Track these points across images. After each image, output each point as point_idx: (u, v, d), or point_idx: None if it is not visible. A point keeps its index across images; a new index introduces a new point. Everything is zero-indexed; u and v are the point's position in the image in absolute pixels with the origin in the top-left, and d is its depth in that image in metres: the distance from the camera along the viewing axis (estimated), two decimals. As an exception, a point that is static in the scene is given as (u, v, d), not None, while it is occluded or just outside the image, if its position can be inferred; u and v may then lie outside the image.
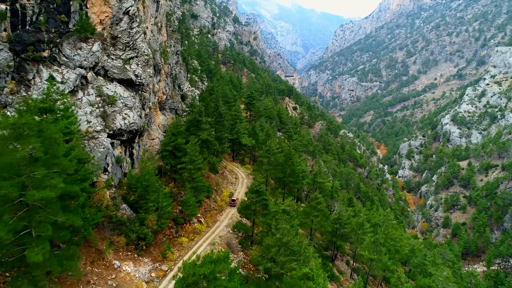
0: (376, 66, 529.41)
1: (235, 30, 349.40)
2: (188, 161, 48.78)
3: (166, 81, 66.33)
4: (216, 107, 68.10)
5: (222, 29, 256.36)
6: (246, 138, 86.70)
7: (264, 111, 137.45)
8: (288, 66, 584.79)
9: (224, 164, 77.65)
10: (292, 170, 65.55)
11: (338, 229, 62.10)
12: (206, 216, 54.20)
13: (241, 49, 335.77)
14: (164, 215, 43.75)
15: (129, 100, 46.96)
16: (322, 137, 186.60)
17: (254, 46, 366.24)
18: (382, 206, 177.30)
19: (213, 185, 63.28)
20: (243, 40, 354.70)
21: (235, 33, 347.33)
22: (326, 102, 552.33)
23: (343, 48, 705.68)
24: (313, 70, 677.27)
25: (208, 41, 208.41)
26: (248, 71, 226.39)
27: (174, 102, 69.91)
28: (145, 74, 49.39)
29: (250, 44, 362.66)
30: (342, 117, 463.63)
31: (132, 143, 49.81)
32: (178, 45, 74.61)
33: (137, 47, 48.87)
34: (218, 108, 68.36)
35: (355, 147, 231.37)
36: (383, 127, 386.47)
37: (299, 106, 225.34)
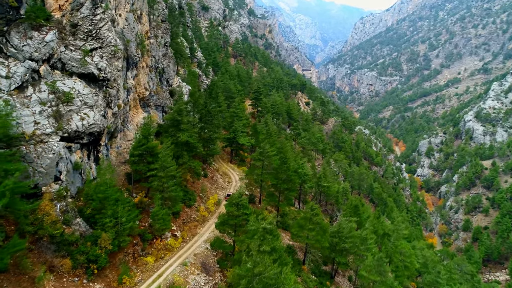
0: (397, 60, 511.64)
1: (250, 23, 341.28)
2: (159, 167, 42.46)
3: (149, 75, 60.15)
4: (205, 104, 61.56)
5: (234, 21, 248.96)
6: (245, 138, 79.99)
7: (272, 107, 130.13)
8: (306, 60, 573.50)
9: (216, 166, 71.23)
10: (287, 176, 58.47)
11: (337, 243, 54.90)
12: (183, 228, 47.93)
13: (256, 42, 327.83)
14: (125, 232, 37.63)
15: (90, 97, 40.84)
16: (335, 134, 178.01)
17: (269, 39, 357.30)
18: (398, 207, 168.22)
19: (198, 192, 56.92)
20: (258, 33, 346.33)
21: (249, 26, 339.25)
22: (344, 97, 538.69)
23: (363, 42, 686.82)
24: (332, 64, 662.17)
25: (218, 34, 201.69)
26: (259, 65, 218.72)
27: (160, 99, 63.70)
28: (110, 68, 43.15)
29: (265, 37, 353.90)
30: (360, 112, 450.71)
31: (97, 146, 43.83)
32: (167, 36, 68.22)
33: (101, 36, 42.62)
34: (206, 105, 61.81)
35: (370, 145, 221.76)
36: (402, 123, 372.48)
37: (312, 101, 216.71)
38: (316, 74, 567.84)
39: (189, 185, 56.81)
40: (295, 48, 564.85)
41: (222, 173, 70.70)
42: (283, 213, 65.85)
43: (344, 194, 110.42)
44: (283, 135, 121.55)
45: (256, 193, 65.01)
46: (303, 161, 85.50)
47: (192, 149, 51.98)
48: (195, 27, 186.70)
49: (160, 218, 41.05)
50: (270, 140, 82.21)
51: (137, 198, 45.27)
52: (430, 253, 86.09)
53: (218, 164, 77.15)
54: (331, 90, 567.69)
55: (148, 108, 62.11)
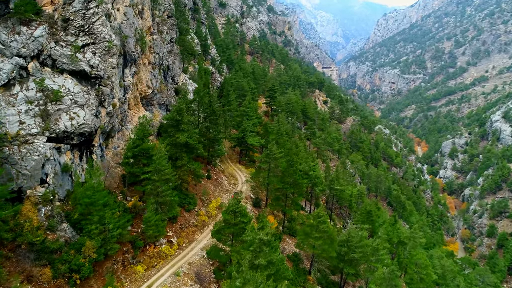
0: (420, 58, 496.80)
1: (269, 20, 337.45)
2: (153, 170, 40.08)
3: (152, 73, 57.96)
4: (210, 103, 58.92)
5: (252, 18, 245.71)
6: (254, 137, 77.03)
7: (286, 106, 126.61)
8: (326, 57, 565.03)
9: (222, 167, 68.61)
10: (294, 180, 55.21)
11: (346, 253, 51.33)
12: (180, 234, 45.49)
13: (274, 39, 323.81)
14: (112, 239, 35.40)
15: (81, 96, 38.77)
16: (353, 134, 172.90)
17: (288, 36, 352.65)
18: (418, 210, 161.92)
19: (199, 195, 54.42)
20: (277, 30, 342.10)
21: (269, 23, 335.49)
22: (365, 95, 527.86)
23: (385, 39, 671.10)
24: (353, 61, 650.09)
25: (235, 31, 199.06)
26: (277, 62, 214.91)
27: (164, 97, 61.52)
28: (104, 65, 40.99)
29: (284, 34, 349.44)
30: (381, 111, 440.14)
31: (90, 147, 41.85)
32: (172, 32, 65.91)
33: (94, 31, 40.48)
34: (211, 104, 59.15)
35: (390, 145, 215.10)
36: (425, 122, 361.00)
37: (330, 99, 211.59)
38: (336, 71, 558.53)
39: (190, 188, 54.38)
40: (315, 45, 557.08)
41: (228, 175, 68.04)
42: (291, 217, 62.74)
43: (360, 197, 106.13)
44: (297, 134, 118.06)
45: (262, 196, 62.07)
46: (315, 162, 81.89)
47: (192, 151, 49.45)
48: (211, 24, 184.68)
49: (152, 224, 38.67)
50: (281, 141, 79.13)
51: (131, 202, 43.10)
52: (449, 262, 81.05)
53: (225, 165, 74.55)
54: (351, 88, 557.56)
55: (151, 107, 60.04)
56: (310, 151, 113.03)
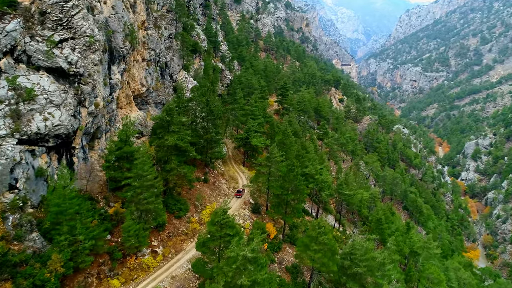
0: (444, 55, 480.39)
1: (286, 16, 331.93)
2: (135, 176, 37.03)
3: (147, 70, 55.06)
4: (207, 102, 55.55)
5: (268, 14, 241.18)
6: (258, 138, 73.37)
7: (298, 104, 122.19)
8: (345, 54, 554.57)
9: (222, 170, 65.23)
10: (295, 186, 51.30)
11: (349, 266, 47.19)
12: (167, 244, 42.40)
13: (291, 36, 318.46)
14: (84, 251, 32.55)
15: (57, 95, 36.05)
16: (369, 133, 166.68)
17: (306, 32, 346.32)
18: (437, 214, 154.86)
19: (193, 200, 51.22)
20: (295, 27, 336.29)
21: (286, 19, 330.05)
22: (385, 93, 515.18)
23: (408, 35, 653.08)
24: (373, 58, 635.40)
25: (249, 27, 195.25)
26: (292, 59, 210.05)
27: (161, 95, 58.57)
28: (84, 61, 38.15)
29: (302, 30, 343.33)
30: (401, 110, 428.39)
31: (70, 149, 39.16)
32: (172, 27, 62.86)
33: (73, 26, 37.66)
34: (209, 103, 55.76)
35: (409, 145, 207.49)
36: (447, 122, 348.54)
37: (346, 98, 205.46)
38: (356, 69, 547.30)
39: (184, 192, 51.30)
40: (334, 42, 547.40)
41: (229, 178, 64.64)
42: (293, 225, 58.87)
43: (373, 200, 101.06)
44: (309, 134, 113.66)
45: (262, 202, 58.42)
46: (323, 165, 77.60)
47: (184, 153, 46.28)
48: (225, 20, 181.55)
49: (132, 234, 35.65)
50: (287, 142, 75.15)
51: (113, 209, 40.24)
52: (467, 274, 75.45)
53: (228, 167, 71.24)
54: (371, 86, 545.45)
55: (146, 106, 57.22)
56: (321, 152, 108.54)
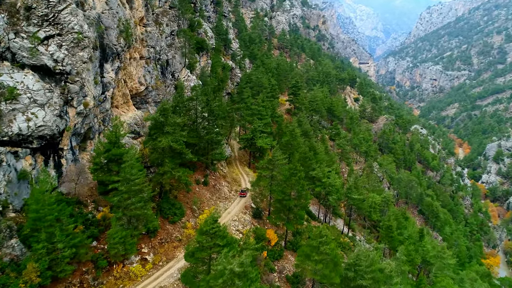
0: (466, 53, 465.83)
1: (302, 14, 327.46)
2: (123, 180, 35.06)
3: (146, 68, 53.19)
4: (207, 101, 53.30)
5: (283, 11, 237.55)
6: (264, 139, 70.82)
7: (310, 104, 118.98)
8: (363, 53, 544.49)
9: (224, 172, 62.92)
10: (297, 191, 48.55)
11: (353, 278, 44.24)
12: (159, 251, 40.37)
13: (307, 34, 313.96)
14: (64, 260, 30.77)
15: (41, 94, 34.37)
16: (385, 134, 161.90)
17: (322, 30, 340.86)
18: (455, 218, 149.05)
19: (190, 204, 49.10)
20: (311, 24, 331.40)
21: (302, 17, 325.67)
22: (404, 92, 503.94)
23: (428, 33, 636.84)
24: (392, 57, 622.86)
25: (263, 25, 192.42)
26: (306, 57, 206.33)
27: (161, 94, 56.68)
28: (72, 59, 36.38)
29: (318, 28, 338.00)
30: (420, 110, 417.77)
31: (58, 151, 37.51)
32: (174, 24, 60.86)
33: (60, 21, 35.91)
34: (209, 103, 53.49)
35: (427, 146, 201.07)
36: (468, 122, 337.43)
37: (362, 97, 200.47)
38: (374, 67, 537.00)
39: (181, 196, 49.26)
40: (352, 40, 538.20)
41: (231, 180, 62.31)
42: (297, 231, 56.16)
43: (386, 204, 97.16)
44: (320, 135, 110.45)
45: (264, 206, 55.86)
46: (332, 168, 74.45)
47: (180, 156, 44.16)
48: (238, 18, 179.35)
49: (117, 242, 33.70)
50: (294, 143, 72.39)
51: (101, 213, 38.45)
52: (485, 286, 71.05)
53: (232, 169, 68.98)
54: (390, 84, 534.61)
55: (146, 105, 55.41)
56: (332, 153, 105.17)
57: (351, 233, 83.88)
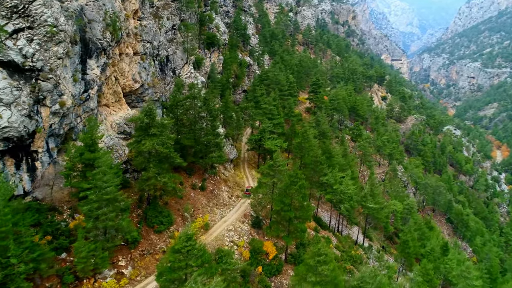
0: (508, 49, 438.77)
1: (332, 9, 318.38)
2: (94, 187, 31.89)
3: (141, 65, 50.06)
4: (205, 101, 49.48)
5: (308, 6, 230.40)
6: (273, 140, 66.38)
7: (331, 102, 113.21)
8: (396, 49, 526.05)
9: (226, 175, 59.03)
10: (299, 202, 43.94)
11: (357, 302, 39.27)
12: (139, 263, 37.07)
13: (336, 29, 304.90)
14: (21, 276, 27.89)
15: (7, 92, 31.64)
16: (413, 135, 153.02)
17: (352, 26, 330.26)
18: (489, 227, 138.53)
19: (180, 211, 45.58)
20: (340, 20, 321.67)
21: (331, 12, 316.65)
22: (438, 91, 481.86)
23: (467, 28, 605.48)
24: (427, 53, 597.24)
25: (287, 20, 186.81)
26: (332, 54, 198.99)
27: (158, 92, 53.49)
28: (44, 55, 33.49)
29: (348, 24, 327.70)
30: (456, 109, 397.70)
31: (31, 153, 34.87)
32: (176, 18, 57.46)
33: (31, 14, 33.05)
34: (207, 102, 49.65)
35: (461, 148, 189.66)
36: (508, 123, 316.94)
37: (390, 95, 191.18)
38: (407, 64, 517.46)
39: (173, 202, 45.85)
40: (384, 36, 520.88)
41: (234, 184, 58.37)
42: (301, 243, 51.59)
43: (408, 212, 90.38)
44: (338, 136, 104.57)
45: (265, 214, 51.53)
46: (347, 172, 69.02)
47: (167, 160, 40.66)
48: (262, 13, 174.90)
49: (84, 256, 30.59)
50: (306, 145, 67.54)
51: (74, 222, 35.53)
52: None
53: (238, 171, 65.09)
54: (424, 82, 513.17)
55: (142, 104, 52.30)
56: (352, 155, 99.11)
57: (367, 242, 78.19)
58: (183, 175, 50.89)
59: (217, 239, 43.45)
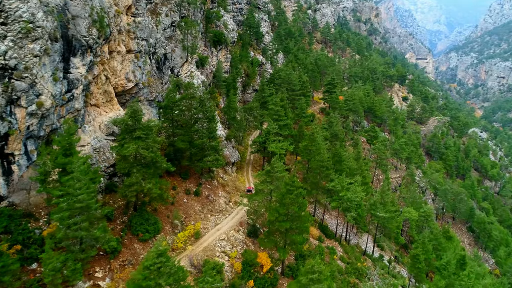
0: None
1: (354, 6, 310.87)
2: (66, 195, 29.77)
3: (135, 63, 47.91)
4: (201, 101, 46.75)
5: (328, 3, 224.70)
6: (277, 143, 63.19)
7: (346, 103, 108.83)
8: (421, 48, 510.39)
9: (225, 180, 56.27)
10: (295, 212, 40.68)
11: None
12: (118, 275, 34.80)
13: (358, 27, 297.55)
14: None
15: (-23, 92, 29.92)
16: (435, 137, 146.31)
17: (374, 24, 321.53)
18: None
19: (170, 219, 43.16)
20: (362, 18, 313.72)
21: (353, 10, 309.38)
22: (465, 91, 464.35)
23: (498, 26, 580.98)
24: (455, 52, 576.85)
25: (305, 17, 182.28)
26: (352, 52, 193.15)
27: (154, 92, 51.29)
28: (18, 52, 31.58)
29: (370, 21, 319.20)
30: (484, 110, 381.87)
31: (7, 156, 33.13)
32: (175, 14, 55.08)
33: (5, 9, 31.17)
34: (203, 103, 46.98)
35: (487, 152, 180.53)
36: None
37: (412, 95, 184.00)
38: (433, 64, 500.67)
39: (163, 209, 43.51)
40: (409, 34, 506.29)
41: (233, 189, 55.55)
42: (300, 254, 48.38)
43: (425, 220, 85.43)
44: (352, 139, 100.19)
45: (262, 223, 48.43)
46: (355, 178, 65.06)
47: (154, 164, 38.24)
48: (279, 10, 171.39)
49: (52, 269, 28.50)
50: (313, 148, 64.00)
51: (48, 230, 33.56)
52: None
53: (239, 175, 62.34)
54: (450, 82, 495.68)
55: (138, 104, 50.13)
56: (366, 159, 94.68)
57: (378, 252, 74.03)
58: (177, 180, 48.53)
59: (207, 250, 40.77)
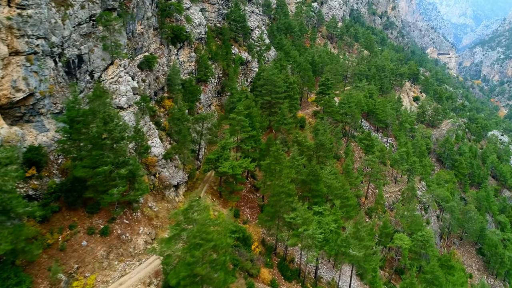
0: None
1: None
2: None
3: (28, 68, 37.96)
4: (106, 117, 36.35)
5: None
6: (231, 162, 52.36)
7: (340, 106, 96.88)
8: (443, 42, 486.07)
9: (155, 210, 45.76)
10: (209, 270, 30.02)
11: None
12: None
13: (373, 21, 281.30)
14: None
15: None
16: (447, 142, 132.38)
17: (391, 17, 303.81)
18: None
19: (49, 272, 33.18)
20: (378, 11, 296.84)
21: (369, 2, 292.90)
22: (490, 88, 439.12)
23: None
24: (480, 47, 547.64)
25: (308, 10, 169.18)
26: (361, 48, 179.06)
27: (58, 103, 41.34)
28: None
29: (387, 15, 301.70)
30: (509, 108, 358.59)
31: None
32: (95, 6, 44.86)
33: None
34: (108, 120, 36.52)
35: (508, 158, 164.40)
36: None
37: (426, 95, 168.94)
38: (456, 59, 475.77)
39: (45, 257, 33.57)
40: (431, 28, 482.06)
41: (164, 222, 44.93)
42: None
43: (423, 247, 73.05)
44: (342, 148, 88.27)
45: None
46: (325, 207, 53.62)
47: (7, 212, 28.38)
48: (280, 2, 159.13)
49: None
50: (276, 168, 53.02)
51: None
52: None
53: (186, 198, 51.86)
54: (474, 78, 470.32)
55: (40, 118, 40.40)
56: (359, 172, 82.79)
57: None
58: (79, 215, 38.51)
59: (90, 319, 30.67)
